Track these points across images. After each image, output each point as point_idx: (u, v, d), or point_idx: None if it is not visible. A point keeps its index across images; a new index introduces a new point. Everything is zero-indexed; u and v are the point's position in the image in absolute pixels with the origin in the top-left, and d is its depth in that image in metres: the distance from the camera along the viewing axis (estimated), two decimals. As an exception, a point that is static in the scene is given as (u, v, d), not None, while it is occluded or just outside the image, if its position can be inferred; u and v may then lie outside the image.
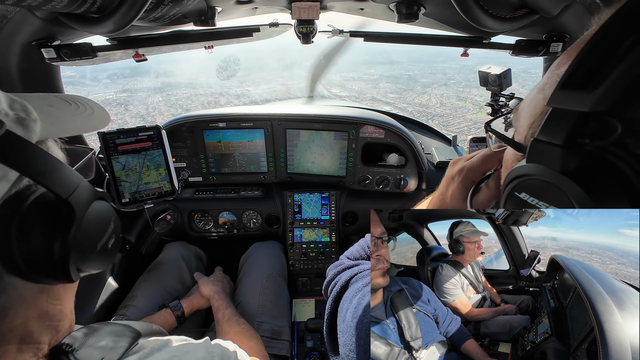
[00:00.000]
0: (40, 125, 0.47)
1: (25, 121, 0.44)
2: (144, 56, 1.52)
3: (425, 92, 21.12)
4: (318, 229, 2.05)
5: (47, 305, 0.50)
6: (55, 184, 0.44)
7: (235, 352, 0.71)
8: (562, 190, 0.38)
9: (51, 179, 0.43)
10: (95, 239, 0.50)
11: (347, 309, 0.71)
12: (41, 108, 0.49)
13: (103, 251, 0.52)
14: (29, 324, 0.47)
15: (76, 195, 0.46)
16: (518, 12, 1.11)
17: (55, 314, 0.52)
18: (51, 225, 0.44)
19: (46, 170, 0.43)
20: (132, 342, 0.61)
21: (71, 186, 0.46)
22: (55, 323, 0.52)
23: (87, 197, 0.48)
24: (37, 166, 0.42)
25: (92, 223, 0.49)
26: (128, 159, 1.39)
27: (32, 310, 0.48)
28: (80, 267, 0.48)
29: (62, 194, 0.44)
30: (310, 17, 1.42)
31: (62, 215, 0.45)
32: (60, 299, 0.53)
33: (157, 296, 1.53)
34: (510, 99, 1.66)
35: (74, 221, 0.45)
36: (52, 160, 0.45)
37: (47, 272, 0.44)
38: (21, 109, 0.45)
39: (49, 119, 0.50)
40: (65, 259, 0.44)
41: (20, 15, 1.07)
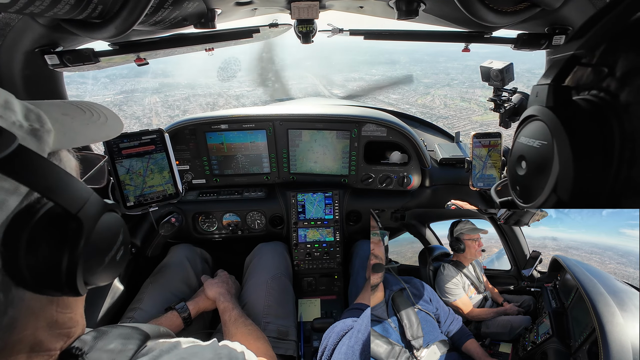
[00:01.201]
0: (53, 137, 0.47)
1: (39, 132, 0.45)
2: (146, 60, 1.53)
3: (429, 92, 20.93)
4: (322, 229, 2.05)
5: (57, 315, 0.50)
6: (65, 199, 0.44)
7: (242, 352, 0.71)
8: (544, 122, 0.45)
9: (61, 194, 0.44)
10: (104, 253, 0.51)
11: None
12: (56, 117, 0.50)
13: (111, 263, 0.52)
14: (39, 333, 0.48)
15: (86, 209, 0.46)
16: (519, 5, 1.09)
17: (66, 321, 0.52)
18: (60, 240, 0.44)
19: (56, 186, 0.44)
20: (141, 345, 0.61)
21: (81, 201, 0.46)
22: (66, 330, 0.53)
23: (96, 210, 0.48)
24: (47, 181, 0.43)
25: (100, 236, 0.49)
26: (132, 162, 1.40)
27: (41, 320, 0.48)
28: (88, 281, 0.48)
29: (72, 209, 0.44)
30: (309, 16, 1.42)
31: (71, 230, 0.45)
32: (70, 308, 0.53)
33: (163, 299, 1.53)
34: (512, 93, 1.65)
35: (82, 235, 0.45)
36: (62, 174, 0.45)
37: (54, 286, 0.44)
38: (36, 119, 0.45)
39: (62, 129, 0.50)
40: (73, 273, 0.44)
41: (23, 22, 1.08)
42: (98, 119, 0.61)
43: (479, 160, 1.61)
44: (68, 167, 0.53)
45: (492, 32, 1.44)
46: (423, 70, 26.01)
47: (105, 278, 0.52)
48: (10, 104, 0.43)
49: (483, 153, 1.61)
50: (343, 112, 1.98)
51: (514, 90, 1.65)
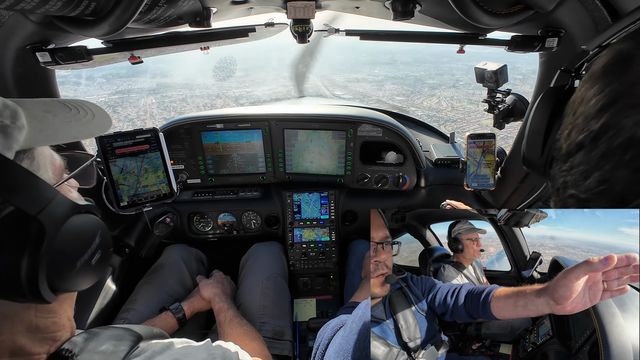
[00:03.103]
0: (26, 133, 0.45)
1: (8, 129, 0.43)
2: (140, 58, 1.51)
3: (434, 94, 20.84)
4: (318, 229, 2.05)
5: (37, 320, 0.49)
6: (23, 200, 0.42)
7: (237, 353, 0.71)
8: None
9: (18, 194, 0.41)
10: (74, 257, 0.48)
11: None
12: (36, 114, 0.48)
13: (85, 268, 0.50)
14: (17, 338, 0.47)
15: (48, 211, 0.44)
16: (513, 8, 1.10)
17: (48, 326, 0.51)
18: (19, 243, 0.42)
19: (14, 185, 0.41)
20: (133, 346, 0.60)
21: (42, 202, 0.44)
22: (51, 334, 0.52)
23: (62, 212, 0.46)
24: (3, 180, 0.40)
25: (69, 240, 0.47)
26: (126, 162, 1.38)
27: (18, 325, 0.47)
28: (57, 287, 0.46)
29: (30, 210, 0.42)
30: (305, 16, 1.41)
31: (31, 233, 0.42)
32: (52, 312, 0.52)
33: (158, 299, 1.52)
34: (506, 95, 1.66)
35: (44, 239, 0.43)
36: (23, 174, 0.43)
37: (16, 292, 0.42)
38: (9, 115, 0.43)
39: (40, 125, 0.49)
40: (34, 279, 0.42)
41: (13, 19, 1.06)
42: (84, 116, 0.59)
43: (473, 160, 1.62)
44: (43, 165, 0.51)
45: (487, 33, 1.45)
46: (427, 71, 25.95)
47: (80, 283, 0.50)
48: None
49: (477, 154, 1.62)
50: (339, 112, 1.98)
51: (507, 91, 1.66)
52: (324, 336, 0.89)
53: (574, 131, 0.41)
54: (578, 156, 0.40)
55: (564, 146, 0.44)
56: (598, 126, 0.37)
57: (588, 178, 0.38)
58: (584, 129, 0.39)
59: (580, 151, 0.40)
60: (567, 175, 0.42)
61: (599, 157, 0.37)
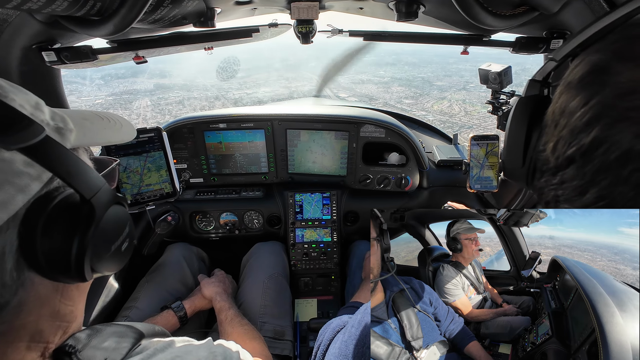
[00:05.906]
0: (74, 135, 0.52)
1: (63, 130, 0.50)
2: (144, 58, 1.52)
3: (444, 97, 20.33)
4: (319, 229, 2.05)
5: (60, 305, 0.52)
6: (81, 185, 0.48)
7: (237, 352, 0.71)
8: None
9: (78, 179, 0.47)
10: (111, 241, 0.53)
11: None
12: (77, 121, 0.55)
13: (116, 253, 0.55)
14: (41, 322, 0.49)
15: (98, 196, 0.50)
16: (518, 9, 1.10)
17: (67, 314, 0.54)
18: (72, 224, 0.47)
19: (75, 172, 0.47)
20: (135, 343, 0.61)
21: (94, 188, 0.50)
22: (65, 323, 0.54)
23: (107, 199, 0.52)
24: (67, 168, 0.47)
25: (109, 225, 0.52)
26: (129, 160, 1.39)
27: (46, 308, 0.50)
28: (95, 267, 0.50)
29: (86, 194, 0.48)
30: (309, 17, 1.42)
31: (83, 215, 0.48)
32: (72, 300, 0.55)
33: (159, 297, 1.53)
34: (510, 96, 1.65)
35: (93, 221, 0.48)
36: (80, 164, 0.49)
37: (64, 270, 0.47)
38: (60, 120, 0.51)
39: (82, 130, 0.55)
40: (81, 257, 0.47)
41: (20, 18, 1.07)
42: (114, 125, 0.67)
43: (476, 162, 1.61)
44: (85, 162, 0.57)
45: (491, 35, 1.44)
46: (434, 72, 25.48)
47: (110, 267, 0.54)
48: (40, 106, 0.49)
49: (481, 155, 1.61)
50: (342, 113, 1.98)
51: (511, 93, 1.66)
52: (324, 336, 0.89)
53: (560, 144, 0.41)
54: (569, 170, 0.40)
55: (551, 159, 0.43)
56: (589, 140, 0.37)
57: (584, 194, 0.38)
58: (572, 143, 0.39)
59: (572, 165, 0.39)
60: (558, 189, 0.42)
61: (594, 172, 0.36)
